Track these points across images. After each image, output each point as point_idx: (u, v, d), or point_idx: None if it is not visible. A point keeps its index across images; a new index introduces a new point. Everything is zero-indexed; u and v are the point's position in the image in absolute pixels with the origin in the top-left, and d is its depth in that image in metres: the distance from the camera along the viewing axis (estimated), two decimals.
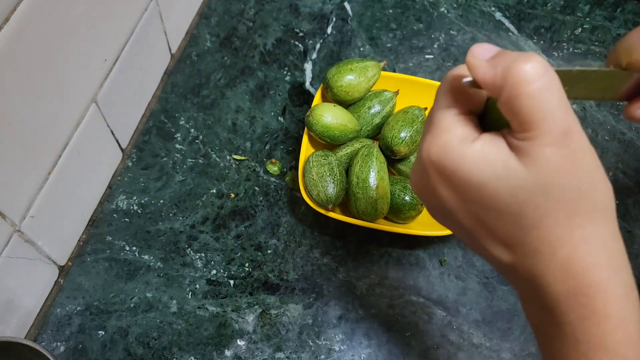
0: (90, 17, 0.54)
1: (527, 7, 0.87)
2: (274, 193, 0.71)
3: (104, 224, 0.67)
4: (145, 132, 0.73)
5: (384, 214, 0.64)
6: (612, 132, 0.77)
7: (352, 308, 0.64)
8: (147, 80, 0.74)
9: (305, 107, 0.77)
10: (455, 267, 0.67)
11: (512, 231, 0.27)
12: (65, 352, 0.60)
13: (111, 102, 0.63)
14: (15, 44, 0.45)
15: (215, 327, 0.62)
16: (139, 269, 0.65)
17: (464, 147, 0.28)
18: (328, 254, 0.67)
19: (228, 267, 0.66)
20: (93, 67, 0.58)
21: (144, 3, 0.66)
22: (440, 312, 0.64)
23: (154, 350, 0.61)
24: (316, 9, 0.85)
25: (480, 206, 0.28)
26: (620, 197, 0.72)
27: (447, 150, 0.28)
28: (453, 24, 0.85)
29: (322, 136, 0.66)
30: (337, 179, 0.63)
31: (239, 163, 0.72)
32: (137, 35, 0.65)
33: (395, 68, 0.81)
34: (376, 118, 0.69)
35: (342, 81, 0.67)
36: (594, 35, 0.85)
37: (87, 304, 0.63)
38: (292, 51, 0.81)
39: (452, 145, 0.28)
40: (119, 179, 0.70)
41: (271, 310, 0.63)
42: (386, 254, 0.67)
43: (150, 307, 0.63)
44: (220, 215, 0.69)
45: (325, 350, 0.62)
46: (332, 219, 0.67)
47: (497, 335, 0.63)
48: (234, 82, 0.78)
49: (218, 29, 0.82)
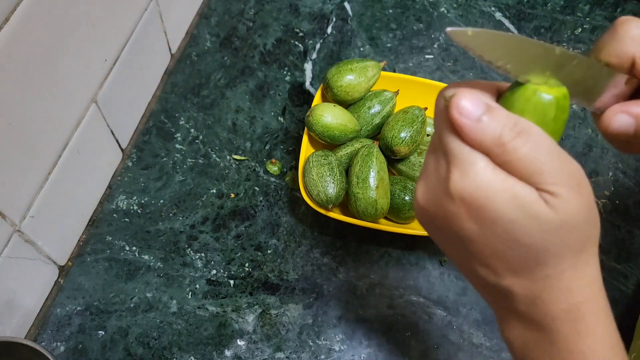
0: (90, 17, 0.54)
1: (527, 7, 0.87)
2: (274, 193, 0.71)
3: (104, 224, 0.67)
4: (145, 132, 0.73)
5: (384, 214, 0.64)
6: None
7: (352, 308, 0.64)
8: (147, 80, 0.74)
9: (305, 107, 0.77)
10: (455, 267, 0.67)
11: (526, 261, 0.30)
12: (65, 352, 0.60)
13: (111, 102, 0.63)
14: (15, 44, 0.45)
15: (215, 327, 0.62)
16: (139, 269, 0.65)
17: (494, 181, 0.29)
18: (328, 254, 0.67)
19: (228, 267, 0.66)
20: (93, 67, 0.58)
21: (144, 3, 0.66)
22: (440, 312, 0.64)
23: (154, 350, 0.61)
24: (316, 9, 0.85)
25: (501, 239, 0.29)
26: (621, 197, 0.72)
27: (479, 184, 0.29)
28: (453, 24, 0.85)
29: (322, 136, 0.66)
30: (337, 179, 0.63)
31: (239, 163, 0.72)
32: (137, 35, 0.65)
33: (395, 68, 0.81)
34: (376, 118, 0.69)
35: (342, 81, 0.67)
36: (594, 35, 0.85)
37: (87, 304, 0.63)
38: (292, 51, 0.81)
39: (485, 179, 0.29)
40: (119, 179, 0.70)
41: (271, 310, 0.63)
42: (386, 254, 0.67)
43: (150, 307, 0.63)
44: (220, 215, 0.69)
45: (325, 350, 0.62)
46: (332, 219, 0.67)
47: (497, 335, 0.63)
48: (234, 82, 0.78)
49: (218, 29, 0.82)
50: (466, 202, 0.29)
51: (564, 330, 0.31)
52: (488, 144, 0.28)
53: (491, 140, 0.28)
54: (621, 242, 0.69)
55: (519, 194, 0.28)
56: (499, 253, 0.30)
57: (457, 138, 0.29)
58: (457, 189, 0.29)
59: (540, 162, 0.28)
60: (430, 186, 0.32)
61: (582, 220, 0.29)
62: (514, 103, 0.31)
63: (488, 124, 0.28)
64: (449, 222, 0.31)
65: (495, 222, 0.29)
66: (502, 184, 0.28)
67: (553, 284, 0.30)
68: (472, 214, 0.29)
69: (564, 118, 0.31)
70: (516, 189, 0.28)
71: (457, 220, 0.30)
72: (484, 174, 0.28)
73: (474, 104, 0.29)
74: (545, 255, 0.29)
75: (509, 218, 0.28)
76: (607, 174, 0.73)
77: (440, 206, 0.31)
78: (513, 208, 0.28)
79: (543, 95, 0.30)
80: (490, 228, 0.29)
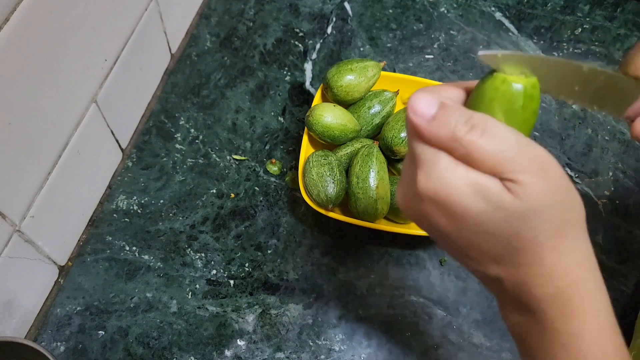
0: (90, 17, 0.54)
1: (527, 7, 0.87)
2: (274, 193, 0.71)
3: (104, 224, 0.67)
4: (145, 132, 0.73)
5: (384, 214, 0.64)
6: (612, 132, 0.77)
7: (352, 308, 0.64)
8: (147, 80, 0.74)
9: (305, 107, 0.77)
10: (455, 267, 0.67)
11: (503, 250, 0.30)
12: (65, 352, 0.60)
13: (111, 102, 0.63)
14: (15, 44, 0.45)
15: (215, 327, 0.62)
16: (139, 269, 0.65)
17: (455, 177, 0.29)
18: (328, 254, 0.67)
19: (228, 267, 0.66)
20: (93, 67, 0.58)
21: (144, 3, 0.66)
22: (440, 312, 0.64)
23: (154, 350, 0.61)
24: (316, 9, 0.85)
25: (473, 232, 0.30)
26: (620, 197, 0.72)
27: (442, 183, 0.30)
28: (453, 24, 0.85)
29: (322, 136, 0.66)
30: (337, 179, 0.63)
31: (239, 163, 0.72)
32: (137, 35, 0.65)
33: (395, 68, 0.81)
34: (376, 118, 0.69)
35: (342, 81, 0.67)
36: (594, 35, 0.85)
37: (87, 304, 0.63)
38: (292, 51, 0.81)
39: (446, 178, 0.29)
40: (119, 179, 0.70)
41: (271, 310, 0.63)
42: (386, 254, 0.67)
43: (150, 307, 0.63)
44: (220, 215, 0.69)
45: (325, 350, 0.62)
46: (332, 219, 0.67)
47: (497, 335, 0.63)
48: (234, 82, 0.78)
49: (218, 29, 0.82)
50: (434, 201, 0.30)
51: (550, 313, 0.31)
52: (444, 141, 0.30)
53: (446, 136, 0.29)
54: (621, 242, 0.69)
55: (481, 186, 0.29)
56: (476, 245, 0.31)
57: (419, 140, 0.31)
58: (423, 189, 0.30)
59: (498, 152, 0.29)
60: (405, 189, 0.33)
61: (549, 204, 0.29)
62: (484, 92, 0.32)
63: (440, 121, 0.30)
64: (427, 220, 0.32)
65: (464, 216, 0.30)
66: (463, 178, 0.29)
67: (535, 269, 0.31)
68: (442, 211, 0.30)
69: (533, 107, 0.32)
70: (478, 181, 0.29)
71: (431, 218, 0.31)
72: (446, 171, 0.29)
73: (427, 104, 0.30)
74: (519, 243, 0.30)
75: (475, 211, 0.29)
76: (607, 174, 0.73)
77: (415, 207, 0.32)
78: (478, 201, 0.29)
79: (512, 84, 0.31)
80: (461, 222, 0.30)
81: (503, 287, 0.32)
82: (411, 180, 0.32)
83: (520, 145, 0.29)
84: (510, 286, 0.32)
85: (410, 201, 0.33)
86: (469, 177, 0.29)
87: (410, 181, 0.32)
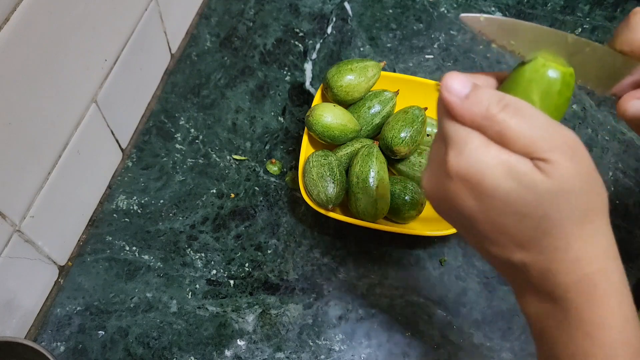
0: (90, 17, 0.54)
1: (527, 7, 0.87)
2: (274, 193, 0.71)
3: (104, 224, 0.67)
4: (145, 132, 0.73)
5: (384, 214, 0.64)
6: (612, 132, 0.77)
7: (352, 308, 0.64)
8: (147, 80, 0.74)
9: (305, 107, 0.77)
10: (455, 267, 0.67)
11: (531, 233, 0.30)
12: (65, 352, 0.60)
13: (111, 102, 0.63)
14: (15, 44, 0.45)
15: (215, 327, 0.62)
16: (139, 269, 0.65)
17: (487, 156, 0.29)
18: (328, 254, 0.67)
19: (228, 267, 0.66)
20: (93, 67, 0.58)
21: (144, 3, 0.66)
22: (440, 312, 0.64)
23: (154, 350, 0.61)
24: (316, 9, 0.85)
25: (501, 212, 0.30)
26: (620, 197, 0.72)
27: (474, 161, 0.30)
28: (453, 24, 0.85)
29: (322, 136, 0.66)
30: (337, 179, 0.63)
31: (239, 163, 0.72)
32: (137, 35, 0.65)
33: (395, 68, 0.81)
34: (376, 118, 0.69)
35: (342, 81, 0.67)
36: (594, 35, 0.85)
37: (87, 304, 0.63)
38: (292, 51, 0.81)
39: (478, 156, 0.30)
40: (119, 179, 0.70)
41: (271, 310, 0.63)
42: (386, 254, 0.67)
43: (150, 307, 0.63)
44: (220, 215, 0.69)
45: (325, 350, 0.62)
46: (332, 219, 0.67)
47: (497, 335, 0.63)
48: (234, 82, 0.78)
49: (218, 29, 0.82)
50: (463, 180, 0.30)
51: (575, 301, 0.31)
52: (477, 119, 0.30)
53: (479, 114, 0.30)
54: (621, 242, 0.68)
55: (512, 165, 0.29)
56: (503, 227, 0.31)
57: (452, 120, 0.31)
58: (453, 167, 0.30)
59: (531, 131, 0.29)
60: (433, 170, 0.33)
61: (579, 187, 0.29)
62: (520, 78, 0.33)
63: (474, 100, 0.30)
64: (453, 202, 0.32)
65: (493, 195, 0.30)
66: (495, 157, 0.29)
67: (562, 255, 0.30)
68: (471, 191, 0.30)
69: (567, 95, 0.32)
70: (509, 160, 0.29)
71: (459, 199, 0.31)
72: (477, 150, 0.30)
73: (462, 84, 0.31)
74: (546, 225, 0.30)
75: (505, 190, 0.29)
76: (607, 174, 0.73)
77: (442, 188, 0.32)
78: (508, 180, 0.29)
79: (552, 69, 0.32)
80: (490, 202, 0.30)
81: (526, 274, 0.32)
82: (441, 160, 0.31)
83: (552, 127, 0.29)
84: (534, 272, 0.31)
85: (437, 182, 0.32)
86: (501, 157, 0.29)
87: (440, 161, 0.32)
